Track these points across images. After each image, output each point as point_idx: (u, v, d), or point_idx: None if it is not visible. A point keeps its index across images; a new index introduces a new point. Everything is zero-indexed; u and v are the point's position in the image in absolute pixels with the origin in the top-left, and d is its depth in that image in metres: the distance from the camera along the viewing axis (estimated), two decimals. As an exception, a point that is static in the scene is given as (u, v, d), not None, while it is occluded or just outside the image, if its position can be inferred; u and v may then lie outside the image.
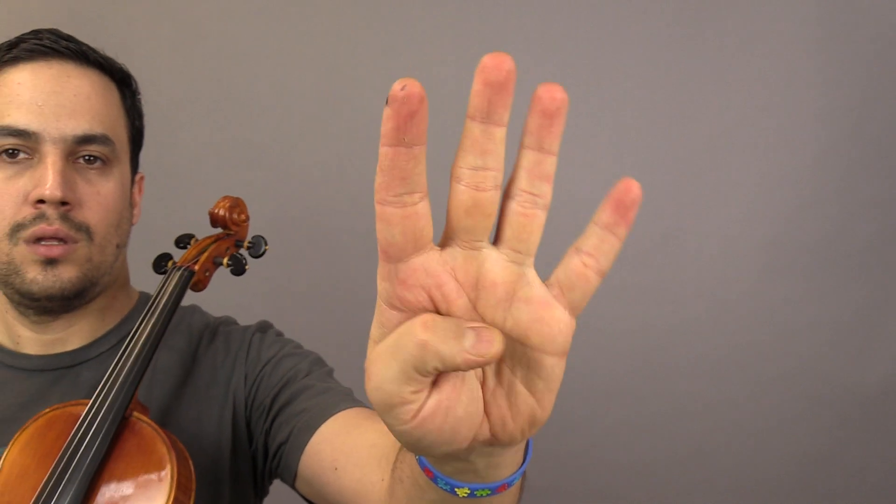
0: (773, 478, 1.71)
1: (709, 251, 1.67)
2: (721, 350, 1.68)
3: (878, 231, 1.69)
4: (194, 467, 0.68)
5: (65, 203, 0.71)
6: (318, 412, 0.73)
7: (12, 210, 0.71)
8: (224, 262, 0.85)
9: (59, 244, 0.72)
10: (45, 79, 0.73)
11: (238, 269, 0.84)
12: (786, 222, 1.68)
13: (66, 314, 0.78)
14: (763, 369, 1.69)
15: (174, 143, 1.49)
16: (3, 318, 0.79)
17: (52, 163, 0.71)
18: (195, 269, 0.81)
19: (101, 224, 0.75)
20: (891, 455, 1.72)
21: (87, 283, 0.75)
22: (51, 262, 0.72)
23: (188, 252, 0.84)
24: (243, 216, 0.89)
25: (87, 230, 0.73)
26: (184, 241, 0.87)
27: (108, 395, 0.68)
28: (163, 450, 0.66)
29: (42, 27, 0.77)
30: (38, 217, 0.71)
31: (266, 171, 1.54)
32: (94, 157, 0.74)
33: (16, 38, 0.75)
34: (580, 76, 1.63)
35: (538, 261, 0.34)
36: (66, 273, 0.73)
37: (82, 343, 0.80)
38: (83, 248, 0.74)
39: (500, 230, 0.33)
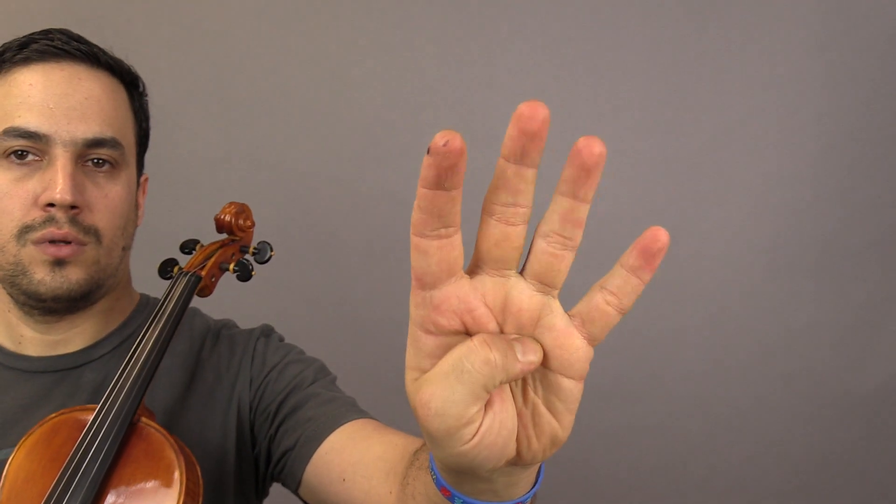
0: (773, 478, 1.71)
1: (709, 251, 1.67)
2: (721, 351, 1.69)
3: (878, 231, 1.69)
4: (200, 470, 0.69)
5: (74, 207, 0.71)
6: (326, 421, 0.73)
7: (21, 212, 0.71)
8: (230, 267, 0.85)
9: (67, 245, 0.72)
10: (56, 81, 0.73)
11: (244, 275, 0.85)
12: (786, 222, 1.68)
13: (70, 315, 0.78)
14: (763, 369, 1.70)
15: (179, 148, 1.49)
16: (4, 319, 0.79)
17: (62, 166, 0.71)
18: (202, 275, 0.81)
19: (109, 227, 0.75)
20: (891, 455, 1.73)
21: (94, 285, 0.75)
22: (59, 263, 0.72)
23: (194, 257, 0.84)
24: (249, 222, 0.90)
25: (95, 233, 0.74)
26: (189, 246, 0.87)
27: (117, 401, 0.68)
28: (171, 455, 0.66)
29: (46, 27, 0.77)
30: (48, 220, 0.71)
31: (271, 176, 1.53)
32: (102, 160, 0.74)
33: (26, 38, 0.75)
34: (580, 76, 1.63)
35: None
36: (74, 275, 0.73)
37: (85, 344, 0.80)
38: (91, 251, 0.74)
39: (528, 263, 0.35)
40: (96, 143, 0.73)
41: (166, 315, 0.76)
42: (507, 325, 0.35)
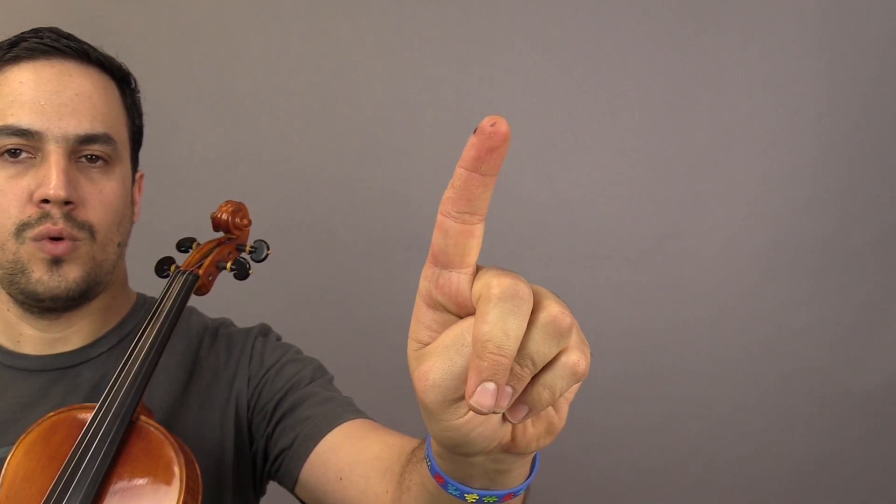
0: (773, 478, 1.71)
1: (709, 251, 1.67)
2: (721, 351, 1.69)
3: (878, 231, 1.69)
4: (199, 470, 0.69)
5: (68, 202, 0.72)
6: (323, 421, 0.73)
7: (17, 209, 0.71)
8: (227, 266, 0.85)
9: (62, 242, 0.72)
10: (46, 78, 0.73)
11: (242, 273, 0.85)
12: (786, 222, 1.68)
13: (67, 313, 0.78)
14: (763, 369, 1.70)
15: (175, 146, 1.49)
16: (3, 318, 0.79)
17: (55, 162, 0.71)
18: (199, 274, 0.81)
19: (104, 223, 0.75)
20: (891, 455, 1.73)
21: (91, 283, 0.75)
22: (56, 262, 0.72)
23: (191, 256, 0.84)
24: (245, 220, 0.90)
25: (89, 229, 0.74)
26: (185, 244, 0.87)
27: (116, 399, 0.68)
28: (170, 454, 0.66)
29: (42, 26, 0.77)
30: (43, 216, 0.71)
31: (270, 175, 1.53)
32: (96, 156, 0.75)
33: (16, 37, 0.75)
34: (580, 76, 1.63)
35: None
36: (72, 273, 0.73)
37: (83, 343, 0.80)
38: (85, 247, 0.74)
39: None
40: (88, 138, 0.73)
41: (164, 314, 0.76)
42: None
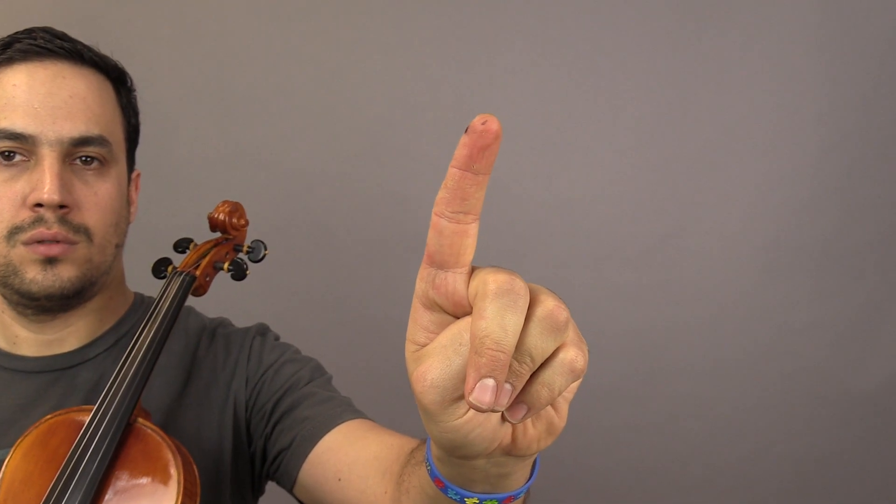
0: (773, 478, 1.71)
1: (709, 251, 1.67)
2: (721, 350, 1.68)
3: (878, 231, 1.69)
4: (197, 471, 0.68)
5: (63, 206, 0.71)
6: (322, 421, 0.73)
7: (10, 213, 0.71)
8: (225, 266, 0.85)
9: (58, 244, 0.72)
10: (40, 80, 0.72)
11: (239, 274, 0.84)
12: (786, 222, 1.68)
13: (63, 314, 0.77)
14: (763, 369, 1.70)
15: (172, 146, 1.49)
16: None
17: (49, 166, 0.70)
18: (196, 275, 0.81)
19: (100, 225, 0.75)
20: (891, 455, 1.73)
21: (87, 283, 0.75)
22: (50, 262, 0.72)
23: (188, 257, 0.84)
24: (242, 221, 0.89)
25: (86, 232, 0.73)
26: (182, 245, 0.87)
27: (113, 402, 0.68)
28: (168, 456, 0.66)
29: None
30: (37, 221, 0.71)
31: (267, 174, 1.53)
32: (90, 158, 0.74)
33: (9, 38, 0.75)
34: (580, 76, 1.62)
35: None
36: (66, 272, 0.73)
37: (80, 344, 0.80)
38: (83, 249, 0.73)
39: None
40: (83, 141, 0.73)
41: (161, 315, 0.76)
42: None
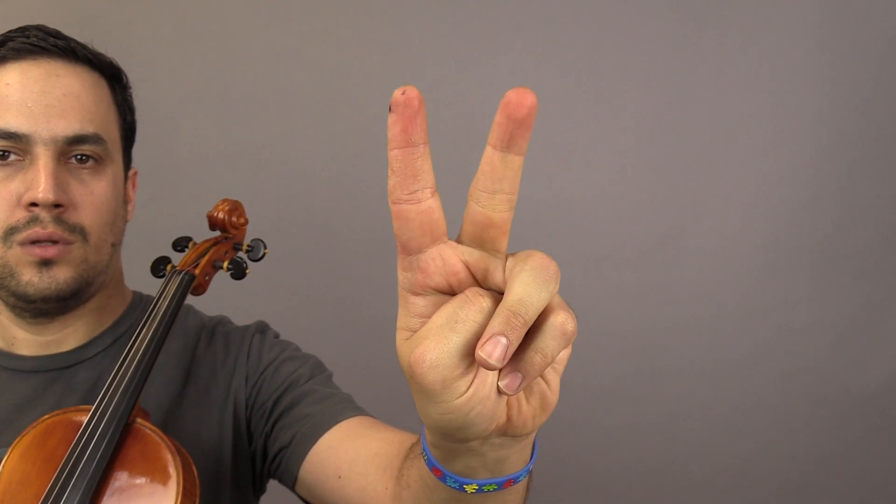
0: (773, 478, 1.71)
1: (709, 251, 1.67)
2: (721, 351, 1.68)
3: (878, 231, 1.69)
4: (196, 470, 0.68)
5: (58, 205, 0.71)
6: (321, 419, 0.73)
7: (5, 213, 0.70)
8: (224, 265, 0.84)
9: (54, 245, 0.71)
10: (33, 78, 0.72)
11: (238, 273, 0.84)
12: (786, 222, 1.68)
13: (62, 315, 0.77)
14: (763, 370, 1.69)
15: (172, 145, 1.49)
16: None
17: (43, 165, 0.70)
18: (196, 274, 0.80)
19: (96, 224, 0.74)
20: (891, 455, 1.73)
21: (83, 284, 0.74)
22: (46, 264, 0.71)
23: (187, 256, 0.83)
24: (242, 219, 0.89)
25: (81, 231, 0.73)
26: (181, 243, 0.86)
27: (111, 402, 0.67)
28: (167, 457, 0.66)
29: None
30: (32, 220, 0.70)
31: (263, 172, 1.53)
32: (86, 156, 0.73)
33: (2, 36, 0.74)
34: (580, 76, 1.62)
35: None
36: (62, 274, 0.72)
37: (78, 343, 0.79)
38: (78, 249, 0.73)
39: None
40: (77, 139, 0.72)
41: (160, 315, 0.75)
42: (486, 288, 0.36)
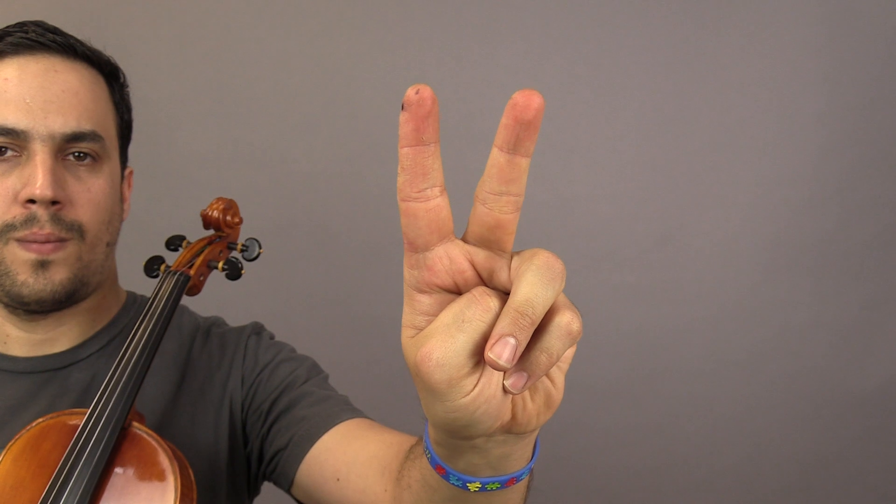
0: (773, 478, 1.70)
1: (709, 251, 1.67)
2: (721, 350, 1.68)
3: (878, 231, 1.69)
4: (193, 474, 0.67)
5: (55, 202, 0.70)
6: (319, 421, 0.72)
7: (2, 209, 0.69)
8: (219, 266, 0.83)
9: (51, 243, 0.70)
10: (31, 74, 0.71)
11: (234, 273, 0.83)
12: (786, 222, 1.68)
13: (55, 313, 0.76)
14: (763, 369, 1.69)
15: (166, 143, 1.48)
16: None
17: (41, 161, 0.69)
18: (191, 274, 0.79)
19: (93, 222, 0.73)
20: (891, 455, 1.72)
21: (78, 284, 0.74)
22: (42, 264, 0.70)
23: (182, 255, 0.82)
24: (237, 218, 0.88)
25: (78, 228, 0.72)
26: (174, 242, 0.85)
27: (107, 407, 0.67)
28: (164, 461, 0.65)
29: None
30: (29, 219, 0.69)
31: (266, 172, 1.53)
32: (83, 153, 0.73)
33: (1, 32, 0.73)
34: (580, 76, 1.62)
35: None
36: (58, 275, 0.71)
37: (72, 344, 0.78)
38: (74, 247, 0.72)
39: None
40: (75, 136, 0.71)
41: (155, 317, 0.74)
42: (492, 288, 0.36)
